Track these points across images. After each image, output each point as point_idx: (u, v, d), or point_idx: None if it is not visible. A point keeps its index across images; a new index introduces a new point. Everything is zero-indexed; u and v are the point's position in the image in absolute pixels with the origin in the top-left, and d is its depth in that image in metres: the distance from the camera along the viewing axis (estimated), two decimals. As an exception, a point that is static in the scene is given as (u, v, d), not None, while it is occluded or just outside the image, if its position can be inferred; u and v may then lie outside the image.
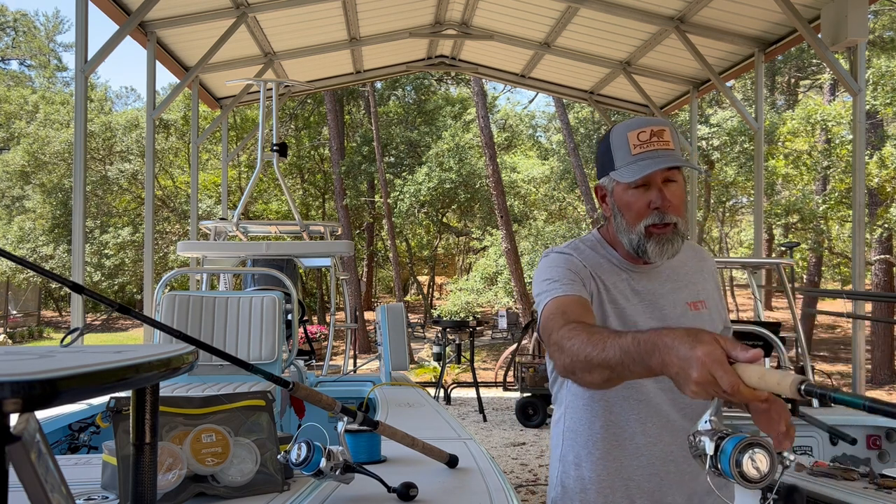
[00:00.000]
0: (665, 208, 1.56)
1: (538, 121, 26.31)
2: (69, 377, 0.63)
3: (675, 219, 1.57)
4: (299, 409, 4.07)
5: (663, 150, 1.56)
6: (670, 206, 1.57)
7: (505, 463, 7.08)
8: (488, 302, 18.56)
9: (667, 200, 1.56)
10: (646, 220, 1.57)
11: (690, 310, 1.64)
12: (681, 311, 1.64)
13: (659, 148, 1.56)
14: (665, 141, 1.56)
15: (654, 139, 1.56)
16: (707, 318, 1.66)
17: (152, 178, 7.15)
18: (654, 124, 1.59)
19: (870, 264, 13.72)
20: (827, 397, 0.91)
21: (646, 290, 1.65)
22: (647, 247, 1.58)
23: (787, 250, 9.41)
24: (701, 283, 1.71)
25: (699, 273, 1.73)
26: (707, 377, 1.00)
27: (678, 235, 1.59)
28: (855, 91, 5.87)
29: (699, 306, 1.66)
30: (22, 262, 1.62)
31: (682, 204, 1.60)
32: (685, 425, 1.57)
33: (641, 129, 1.57)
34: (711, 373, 1.00)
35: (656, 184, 1.57)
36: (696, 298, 1.67)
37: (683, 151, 1.56)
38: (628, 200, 1.60)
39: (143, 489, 0.98)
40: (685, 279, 1.70)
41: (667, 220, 1.57)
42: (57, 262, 20.70)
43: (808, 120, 13.91)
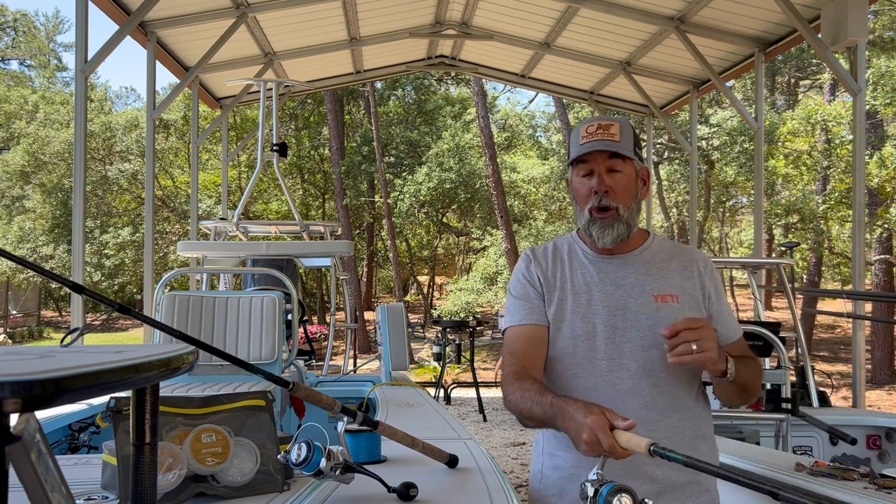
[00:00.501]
0: (602, 192, 1.70)
1: (538, 121, 26.32)
2: (69, 377, 0.63)
3: (614, 204, 1.71)
4: (299, 409, 4.07)
5: (607, 140, 1.69)
6: (609, 192, 1.70)
7: (505, 463, 7.09)
8: (488, 302, 18.56)
9: (604, 185, 1.70)
10: (588, 204, 1.73)
11: (654, 301, 1.72)
12: (643, 301, 1.73)
13: (603, 139, 1.70)
14: (611, 133, 1.70)
15: (599, 131, 1.71)
16: (675, 310, 1.72)
17: (152, 178, 7.15)
18: (605, 120, 1.74)
19: (870, 264, 13.72)
20: (666, 458, 1.27)
21: (610, 281, 1.77)
22: (591, 229, 1.74)
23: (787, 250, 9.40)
24: (678, 280, 1.77)
25: (681, 270, 1.79)
26: (593, 439, 1.37)
27: (620, 221, 1.72)
28: (855, 91, 5.87)
29: (667, 299, 1.73)
30: (22, 262, 1.62)
31: (625, 192, 1.72)
32: (656, 416, 1.69)
33: (591, 124, 1.73)
34: (596, 436, 1.36)
35: (598, 169, 1.71)
36: (665, 292, 1.74)
37: (640, 150, 1.73)
38: (576, 187, 1.77)
39: (143, 489, 0.98)
40: (658, 273, 1.77)
41: (604, 205, 1.70)
42: (57, 262, 20.69)
43: (808, 120, 13.90)
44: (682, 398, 1.74)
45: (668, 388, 1.71)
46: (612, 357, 1.71)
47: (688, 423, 1.73)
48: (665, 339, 1.56)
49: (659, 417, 1.69)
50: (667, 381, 1.71)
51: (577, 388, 1.72)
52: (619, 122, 1.74)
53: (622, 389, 1.70)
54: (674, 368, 1.67)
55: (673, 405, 1.71)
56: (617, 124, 1.73)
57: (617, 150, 1.70)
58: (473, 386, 10.33)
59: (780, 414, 3.62)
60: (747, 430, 3.79)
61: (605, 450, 1.37)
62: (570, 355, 1.75)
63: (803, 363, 4.43)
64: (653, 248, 1.83)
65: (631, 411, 1.65)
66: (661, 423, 1.68)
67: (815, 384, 4.39)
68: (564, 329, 1.76)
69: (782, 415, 3.63)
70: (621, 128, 1.72)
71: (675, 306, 1.73)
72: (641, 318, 1.72)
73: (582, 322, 1.74)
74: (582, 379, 1.73)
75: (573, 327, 1.75)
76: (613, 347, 1.71)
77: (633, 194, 1.75)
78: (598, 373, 1.72)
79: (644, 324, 1.71)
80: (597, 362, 1.72)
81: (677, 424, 1.71)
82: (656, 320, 1.70)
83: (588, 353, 1.73)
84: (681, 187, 18.34)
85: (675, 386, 1.72)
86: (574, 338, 1.74)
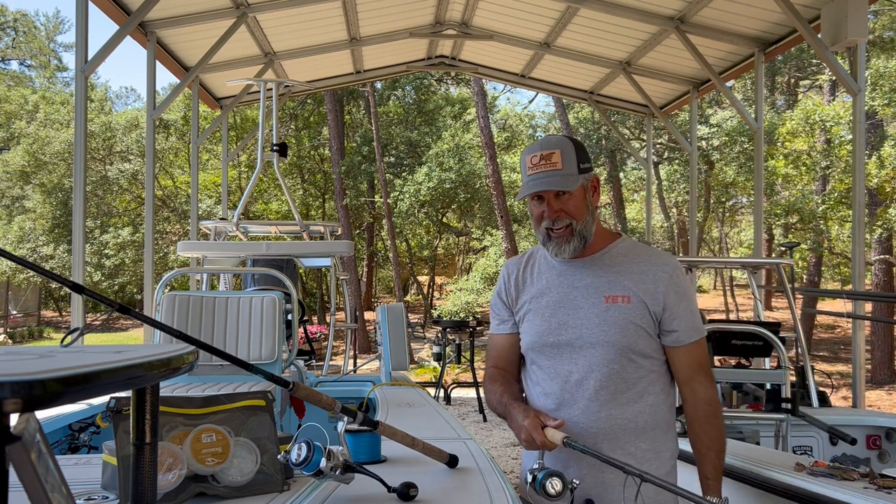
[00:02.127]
0: (552, 217, 1.88)
1: (538, 121, 26.28)
2: (69, 377, 0.63)
3: (567, 222, 1.89)
4: (299, 409, 4.07)
5: (549, 171, 1.85)
6: (560, 214, 1.88)
7: (505, 463, 7.08)
8: (488, 302, 18.50)
9: (554, 211, 1.88)
10: (543, 224, 1.92)
11: (604, 302, 1.89)
12: (593, 301, 1.91)
13: (545, 170, 1.86)
14: (552, 163, 1.85)
15: (542, 163, 1.87)
16: (624, 310, 1.88)
17: (152, 178, 7.16)
18: (547, 147, 1.87)
19: (870, 264, 13.71)
20: (576, 449, 1.68)
21: (567, 283, 1.96)
22: (548, 246, 1.95)
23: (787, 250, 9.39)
24: (633, 282, 1.91)
25: (639, 273, 1.92)
26: (529, 437, 1.76)
27: (574, 236, 1.90)
28: (855, 91, 5.87)
29: (617, 300, 1.89)
30: (22, 262, 1.63)
31: (577, 209, 1.89)
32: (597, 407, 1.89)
33: (534, 153, 1.88)
34: (531, 433, 1.75)
35: (547, 197, 1.89)
36: (617, 293, 1.90)
37: (585, 163, 1.97)
38: (531, 209, 1.96)
39: (143, 489, 0.98)
40: (614, 275, 1.93)
41: (558, 226, 1.89)
42: (57, 262, 20.69)
43: (807, 120, 13.90)
44: (630, 391, 1.90)
45: (613, 382, 1.88)
46: (565, 353, 1.92)
47: (635, 415, 1.89)
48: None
49: (599, 408, 1.88)
50: (612, 376, 1.88)
51: (542, 379, 1.97)
52: (559, 147, 1.87)
53: (572, 381, 1.91)
54: (621, 364, 1.89)
55: (617, 398, 1.89)
56: (557, 151, 1.86)
57: (559, 188, 1.85)
58: (473, 386, 10.33)
59: (780, 414, 3.62)
60: (747, 430, 3.79)
61: (538, 445, 1.73)
62: (533, 350, 1.99)
63: (803, 363, 4.43)
64: (615, 251, 1.97)
65: (579, 401, 1.90)
66: (601, 413, 1.88)
67: (815, 384, 4.39)
68: (528, 327, 1.99)
69: (782, 415, 3.63)
70: (563, 153, 1.86)
71: (625, 306, 1.88)
72: (591, 317, 1.90)
73: (541, 320, 1.95)
74: (543, 370, 1.97)
75: (533, 325, 1.97)
76: (566, 343, 1.92)
77: (585, 208, 1.92)
78: (553, 366, 1.94)
79: (593, 322, 1.89)
80: (552, 357, 1.94)
81: (622, 415, 1.88)
82: (604, 319, 1.88)
83: (546, 348, 1.95)
84: (681, 187, 18.33)
85: (622, 380, 1.89)
86: (535, 334, 1.97)
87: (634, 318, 1.88)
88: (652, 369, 1.93)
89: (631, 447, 1.89)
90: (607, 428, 1.88)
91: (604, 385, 1.88)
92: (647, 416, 1.91)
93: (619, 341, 1.87)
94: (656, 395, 1.94)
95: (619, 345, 1.87)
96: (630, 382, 1.90)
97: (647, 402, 1.92)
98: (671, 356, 1.95)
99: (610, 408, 1.88)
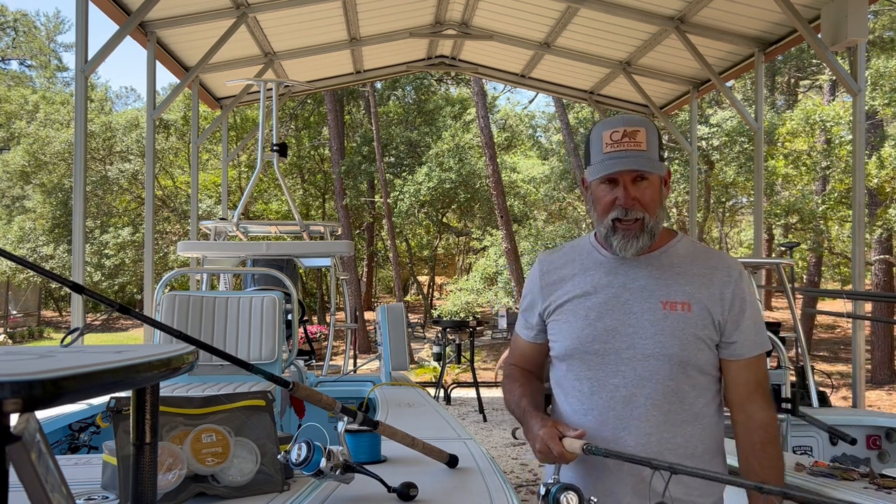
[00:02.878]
0: (628, 205, 1.63)
1: (538, 121, 26.29)
2: (69, 377, 0.63)
3: (640, 215, 1.64)
4: (299, 409, 4.07)
5: (633, 150, 1.61)
6: (635, 204, 1.63)
7: (505, 463, 7.08)
8: (488, 302, 18.56)
9: (630, 198, 1.63)
10: (611, 214, 1.65)
11: (662, 308, 1.66)
12: (649, 306, 1.66)
13: (629, 148, 1.61)
14: (637, 142, 1.61)
15: (625, 139, 1.61)
16: (683, 319, 1.65)
17: (152, 178, 7.15)
18: (630, 124, 1.63)
19: (870, 264, 13.71)
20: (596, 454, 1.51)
21: (618, 283, 1.71)
22: (612, 240, 1.68)
23: (787, 250, 9.40)
24: (694, 287, 1.68)
25: (701, 277, 1.69)
26: (545, 448, 1.58)
27: (645, 232, 1.65)
28: (855, 91, 5.87)
29: (675, 306, 1.65)
30: (22, 262, 1.62)
31: (652, 202, 1.65)
32: (650, 429, 1.65)
33: (615, 129, 1.63)
34: (547, 444, 1.57)
35: (623, 181, 1.63)
36: (676, 299, 1.66)
37: (663, 152, 1.73)
38: (598, 195, 1.69)
39: (143, 489, 0.98)
40: (673, 278, 1.69)
41: (630, 216, 1.63)
42: (57, 262, 20.69)
43: (807, 120, 13.90)
44: (685, 412, 1.67)
45: (667, 400, 1.65)
46: (610, 363, 1.67)
47: (687, 439, 1.66)
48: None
49: (651, 430, 1.64)
50: (667, 394, 1.65)
51: (580, 389, 1.72)
52: (644, 126, 1.64)
53: (618, 397, 1.66)
54: (677, 381, 1.64)
55: (670, 419, 1.65)
56: (643, 130, 1.63)
57: (644, 168, 1.61)
58: (473, 386, 10.33)
59: (780, 414, 3.62)
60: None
61: (555, 456, 1.56)
62: (570, 357, 1.73)
63: (803, 363, 4.43)
64: (674, 250, 1.74)
65: (625, 420, 1.65)
66: (653, 436, 1.65)
67: (814, 384, 4.39)
68: (566, 330, 1.73)
69: (782, 415, 3.64)
70: (647, 133, 1.63)
71: (685, 315, 1.65)
72: (645, 324, 1.65)
73: (584, 323, 1.70)
74: (582, 381, 1.71)
75: (574, 328, 1.72)
76: (613, 352, 1.67)
77: (659, 202, 1.68)
78: (596, 377, 1.69)
79: (648, 331, 1.65)
80: (595, 367, 1.69)
81: (674, 439, 1.65)
82: (661, 328, 1.64)
83: (588, 356, 1.70)
84: (681, 187, 18.31)
85: (678, 399, 1.66)
86: (575, 339, 1.71)
87: (695, 329, 1.65)
88: (709, 387, 1.71)
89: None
90: (657, 453, 1.62)
91: (657, 403, 1.64)
92: (700, 441, 1.68)
93: (677, 354, 1.63)
94: (711, 417, 1.72)
95: (676, 358, 1.64)
96: (686, 402, 1.66)
97: (702, 425, 1.69)
98: (727, 371, 1.71)
99: (662, 430, 1.64)
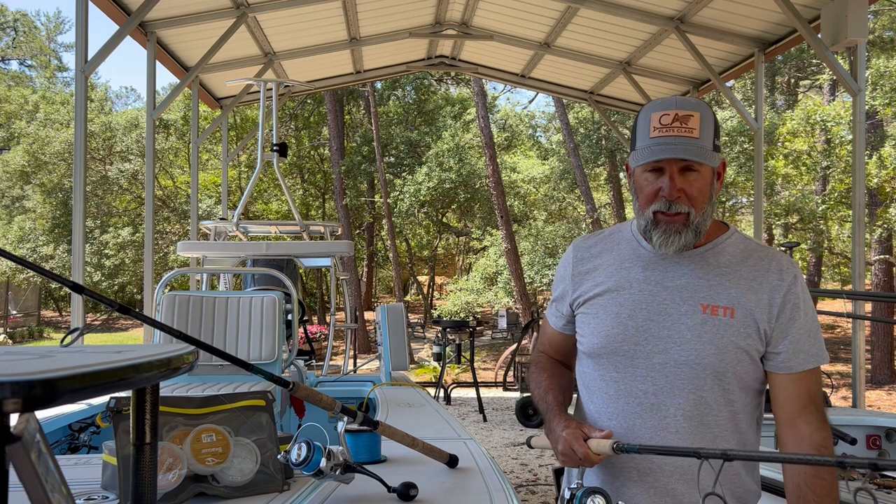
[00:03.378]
0: (672, 197, 1.47)
1: (538, 121, 26.31)
2: (69, 377, 0.63)
3: (685, 209, 1.47)
4: (299, 409, 4.08)
5: (683, 137, 1.44)
6: (681, 196, 1.47)
7: (505, 463, 7.08)
8: (488, 302, 18.55)
9: (676, 189, 1.47)
10: (654, 206, 1.50)
11: (702, 312, 1.49)
12: (688, 308, 1.50)
13: (679, 135, 1.45)
14: (689, 128, 1.45)
15: (675, 124, 1.45)
16: (725, 326, 1.48)
17: (152, 178, 7.15)
18: (683, 107, 1.47)
19: (870, 264, 13.71)
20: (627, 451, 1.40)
21: (656, 280, 1.55)
22: (652, 234, 1.52)
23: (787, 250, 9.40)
24: (741, 290, 1.51)
25: (749, 280, 1.52)
26: (568, 450, 1.47)
27: (689, 228, 1.49)
28: (855, 91, 5.87)
29: (717, 311, 1.48)
30: (22, 262, 1.62)
31: (700, 195, 1.48)
32: (677, 441, 1.51)
33: (665, 111, 1.47)
34: (571, 446, 1.46)
35: (670, 170, 1.47)
36: (718, 303, 1.49)
37: (719, 140, 1.51)
38: (641, 184, 1.53)
39: (143, 489, 0.98)
40: (717, 279, 1.52)
41: (674, 210, 1.47)
42: (57, 262, 20.69)
43: (807, 120, 13.90)
44: (717, 426, 1.51)
45: (699, 413, 1.50)
46: (639, 367, 1.53)
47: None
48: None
49: (682, 443, 1.49)
50: (699, 405, 1.50)
51: (605, 391, 1.59)
52: (699, 110, 1.47)
53: (645, 404, 1.52)
54: (713, 392, 1.49)
55: (702, 433, 1.50)
56: (697, 115, 1.45)
57: (693, 158, 1.44)
58: (473, 386, 10.33)
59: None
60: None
61: (580, 459, 1.45)
62: (598, 355, 1.60)
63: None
64: (723, 247, 1.57)
65: (653, 430, 1.51)
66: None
67: (815, 384, 4.38)
68: (595, 325, 1.59)
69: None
70: (702, 119, 1.46)
71: (727, 321, 1.48)
72: (682, 328, 1.50)
73: (614, 321, 1.55)
74: (608, 383, 1.58)
75: (603, 324, 1.57)
76: (643, 356, 1.52)
77: (708, 197, 1.50)
78: (622, 380, 1.55)
79: (684, 336, 1.49)
80: (622, 369, 1.55)
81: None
82: (699, 334, 1.48)
83: (615, 357, 1.56)
84: (681, 187, 18.34)
85: (713, 413, 1.50)
86: (604, 337, 1.57)
87: (737, 338, 1.48)
88: (748, 402, 1.54)
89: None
90: (685, 466, 1.48)
91: (688, 415, 1.49)
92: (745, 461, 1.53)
93: (715, 364, 1.47)
94: (745, 434, 1.55)
95: (712, 368, 1.48)
96: (720, 417, 1.51)
97: (738, 443, 1.53)
98: (774, 385, 1.52)
99: (692, 443, 1.49)
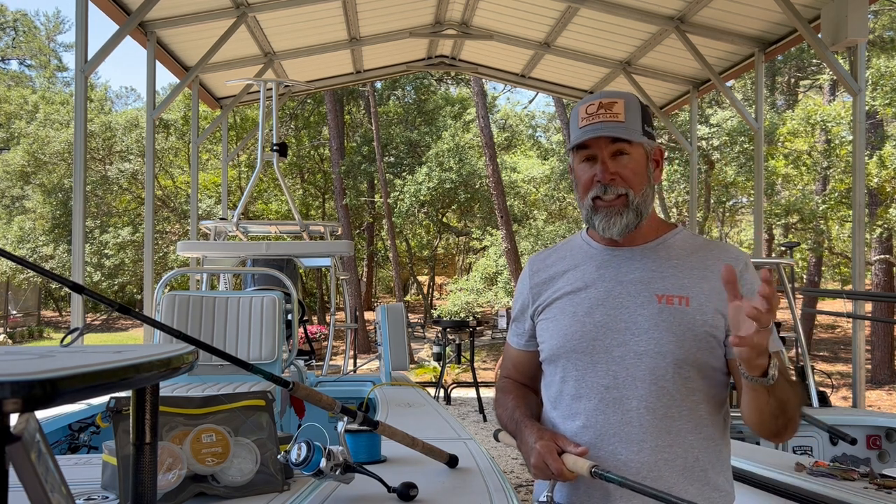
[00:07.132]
0: (606, 180, 1.52)
1: (538, 121, 26.32)
2: (69, 377, 0.63)
3: (621, 191, 1.52)
4: (299, 409, 4.08)
5: (609, 121, 1.51)
6: (615, 179, 1.52)
7: (505, 463, 7.08)
8: (488, 302, 18.55)
9: (608, 173, 1.52)
10: (591, 192, 1.54)
11: (657, 302, 1.51)
12: (643, 300, 1.52)
13: (605, 120, 1.51)
14: (614, 113, 1.51)
15: (600, 111, 1.52)
16: (682, 314, 1.50)
17: (152, 178, 7.15)
18: (607, 97, 1.54)
19: (870, 264, 13.71)
20: (606, 479, 1.37)
21: (610, 277, 1.58)
22: (594, 220, 1.56)
23: (787, 250, 9.41)
24: (693, 279, 1.53)
25: (701, 269, 1.54)
26: (541, 463, 1.44)
27: (629, 209, 1.53)
28: (855, 91, 5.87)
29: (673, 300, 1.51)
30: (22, 262, 1.63)
31: (635, 176, 1.54)
32: (642, 435, 1.49)
33: (591, 102, 1.54)
34: (544, 460, 1.43)
35: (601, 155, 1.53)
36: (672, 292, 1.51)
37: (650, 128, 1.57)
38: (578, 174, 1.59)
39: (143, 489, 0.98)
40: (670, 270, 1.55)
41: (611, 193, 1.52)
42: (57, 262, 20.68)
43: (807, 120, 13.91)
44: (684, 419, 1.50)
45: (663, 403, 1.48)
46: (600, 363, 1.53)
47: (687, 449, 1.49)
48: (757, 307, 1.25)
49: (644, 436, 1.48)
50: (662, 396, 1.49)
51: (567, 393, 1.57)
52: (623, 97, 1.55)
53: (608, 399, 1.51)
54: (675, 382, 1.49)
55: (667, 425, 1.48)
56: (621, 101, 1.53)
57: (620, 136, 1.50)
58: (473, 386, 10.33)
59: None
60: (747, 430, 3.79)
61: (553, 473, 1.42)
62: (558, 358, 1.59)
63: (803, 363, 4.43)
64: (672, 242, 1.60)
65: (615, 426, 1.49)
66: (648, 443, 1.47)
67: (815, 384, 4.39)
68: (553, 328, 1.60)
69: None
70: (626, 104, 1.53)
71: (682, 309, 1.50)
72: (639, 319, 1.51)
73: (571, 320, 1.56)
74: (569, 384, 1.57)
75: (561, 326, 1.58)
76: (604, 351, 1.52)
77: (645, 178, 1.55)
78: (584, 378, 1.54)
79: (641, 326, 1.50)
80: (583, 367, 1.55)
81: (671, 448, 1.48)
82: (656, 323, 1.49)
83: (575, 355, 1.56)
84: (681, 187, 18.32)
85: (675, 404, 1.49)
86: (562, 337, 1.57)
87: (693, 325, 1.49)
88: (712, 392, 1.53)
89: (678, 490, 1.45)
90: (651, 462, 1.47)
91: (650, 407, 1.48)
92: (701, 452, 1.50)
93: (675, 352, 1.48)
94: (714, 428, 1.54)
95: (672, 356, 1.48)
96: (684, 406, 1.50)
97: (704, 435, 1.51)
98: (736, 374, 1.48)
99: (657, 437, 1.47)
